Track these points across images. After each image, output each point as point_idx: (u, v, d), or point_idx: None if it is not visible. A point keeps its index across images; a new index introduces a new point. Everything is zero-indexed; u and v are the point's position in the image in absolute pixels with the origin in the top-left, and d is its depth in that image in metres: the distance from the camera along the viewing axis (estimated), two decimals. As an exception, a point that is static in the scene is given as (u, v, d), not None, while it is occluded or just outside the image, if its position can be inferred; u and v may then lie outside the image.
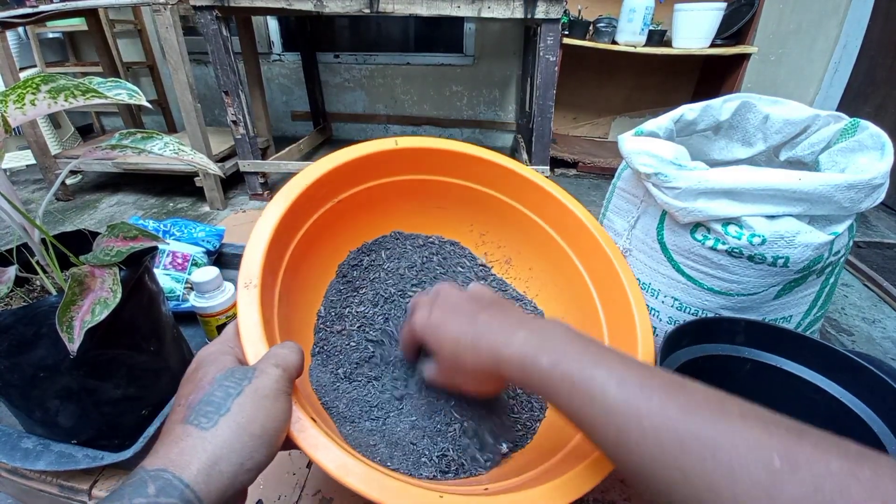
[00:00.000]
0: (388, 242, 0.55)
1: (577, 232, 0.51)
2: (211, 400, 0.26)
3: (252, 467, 0.25)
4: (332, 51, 2.52)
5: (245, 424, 0.26)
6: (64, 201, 1.87)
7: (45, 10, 1.47)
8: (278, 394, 0.28)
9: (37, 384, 0.37)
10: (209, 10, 1.42)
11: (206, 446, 0.24)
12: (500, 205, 0.55)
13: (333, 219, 0.48)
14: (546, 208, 0.53)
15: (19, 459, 0.40)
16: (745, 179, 0.40)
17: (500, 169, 0.53)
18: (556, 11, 1.36)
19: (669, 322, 0.50)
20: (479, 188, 0.55)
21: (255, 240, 0.37)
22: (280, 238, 0.40)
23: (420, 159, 0.52)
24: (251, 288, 0.34)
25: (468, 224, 0.58)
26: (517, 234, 0.57)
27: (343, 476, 0.27)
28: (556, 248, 0.53)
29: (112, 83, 0.35)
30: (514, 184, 0.54)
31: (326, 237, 0.49)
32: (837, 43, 2.06)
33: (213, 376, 0.28)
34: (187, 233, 0.70)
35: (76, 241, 0.42)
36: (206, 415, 0.25)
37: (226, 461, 0.24)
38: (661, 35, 1.89)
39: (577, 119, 2.50)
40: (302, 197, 0.42)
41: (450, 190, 0.55)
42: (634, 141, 0.47)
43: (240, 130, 1.63)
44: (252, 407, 0.26)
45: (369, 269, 0.52)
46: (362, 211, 0.52)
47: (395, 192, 0.53)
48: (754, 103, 0.51)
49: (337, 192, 0.48)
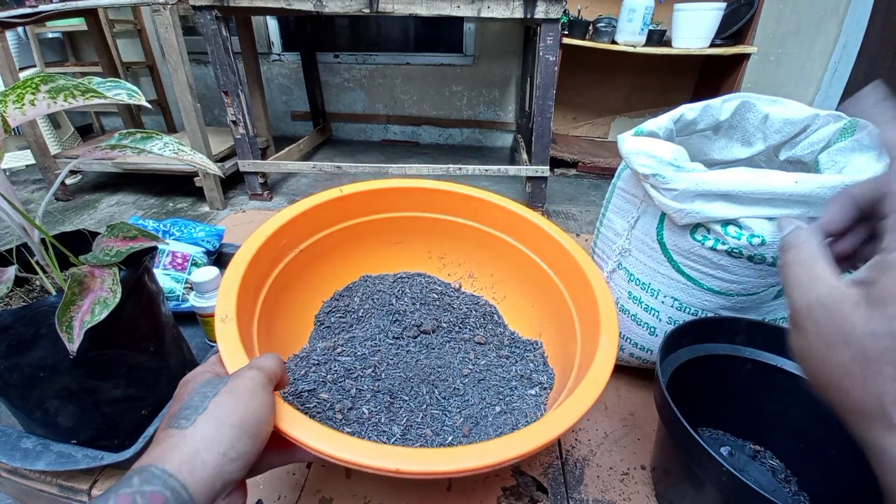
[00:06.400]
0: (358, 287, 0.59)
1: (526, 229, 0.56)
2: (189, 404, 0.27)
3: (236, 457, 0.26)
4: (331, 51, 2.52)
5: (222, 418, 0.27)
6: (63, 201, 1.87)
7: (44, 10, 1.47)
8: (255, 388, 0.29)
9: (36, 384, 0.37)
10: (209, 10, 1.42)
11: (186, 441, 0.25)
12: (450, 226, 0.60)
13: (299, 268, 0.52)
14: (493, 217, 0.58)
15: (19, 459, 0.40)
16: (742, 182, 0.41)
17: (442, 194, 0.59)
18: (555, 11, 1.36)
19: (669, 322, 0.50)
20: (428, 216, 0.60)
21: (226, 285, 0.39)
22: (248, 287, 0.42)
23: (367, 201, 0.57)
24: (228, 321, 0.36)
25: (426, 252, 0.63)
26: (473, 249, 0.61)
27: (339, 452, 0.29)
28: (511, 248, 0.58)
29: (111, 83, 0.35)
30: (458, 204, 0.59)
31: (298, 287, 0.52)
32: (837, 43, 2.06)
33: (193, 388, 0.29)
34: (187, 233, 0.70)
35: (76, 241, 0.42)
36: (185, 417, 0.26)
37: (206, 451, 0.25)
38: (660, 35, 1.89)
39: (576, 119, 2.50)
40: (263, 249, 0.45)
41: (402, 224, 0.60)
42: (634, 141, 0.47)
43: (239, 130, 1.63)
44: (228, 402, 0.27)
45: (345, 315, 0.56)
46: (326, 260, 0.56)
47: (353, 236, 0.57)
48: (754, 103, 0.51)
49: (297, 243, 0.51)
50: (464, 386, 0.47)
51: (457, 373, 0.49)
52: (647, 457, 0.49)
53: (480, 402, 0.45)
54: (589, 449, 0.50)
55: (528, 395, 0.47)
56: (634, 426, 0.53)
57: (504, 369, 0.51)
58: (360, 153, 2.48)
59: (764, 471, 0.45)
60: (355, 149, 2.56)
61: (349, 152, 2.49)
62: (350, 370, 0.46)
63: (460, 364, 0.50)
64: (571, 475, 0.47)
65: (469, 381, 0.48)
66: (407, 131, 2.68)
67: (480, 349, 0.53)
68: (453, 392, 0.46)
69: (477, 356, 0.52)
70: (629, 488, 0.45)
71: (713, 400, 0.46)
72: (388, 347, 0.51)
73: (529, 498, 0.44)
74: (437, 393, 0.46)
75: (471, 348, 0.53)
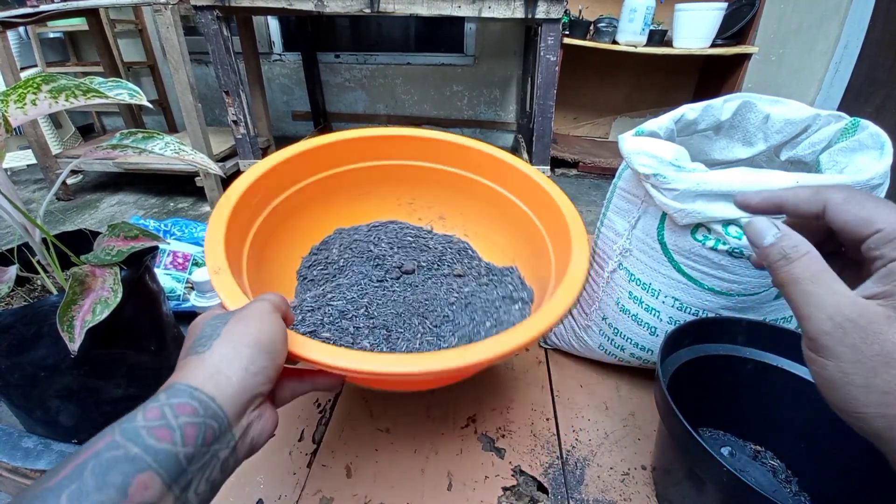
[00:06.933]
0: (334, 240, 0.60)
1: (489, 164, 0.59)
2: (202, 334, 0.28)
3: (257, 371, 0.27)
4: (332, 50, 2.52)
5: (237, 339, 0.27)
6: (65, 201, 1.87)
7: (45, 10, 1.47)
8: (264, 314, 0.30)
9: (38, 384, 0.37)
10: (210, 9, 1.42)
11: (206, 362, 0.26)
12: (416, 171, 0.62)
13: (275, 224, 0.52)
14: (456, 157, 0.61)
15: (20, 459, 0.40)
16: (743, 182, 0.40)
17: (406, 140, 0.60)
18: (556, 11, 1.36)
19: (670, 322, 0.50)
20: (394, 163, 0.61)
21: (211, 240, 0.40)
22: (231, 243, 0.42)
23: (331, 154, 0.57)
24: (222, 272, 0.37)
25: (395, 199, 0.65)
26: (440, 191, 0.63)
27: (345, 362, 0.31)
28: (477, 185, 0.60)
29: (113, 83, 0.35)
30: (422, 148, 0.61)
31: (276, 243, 0.52)
32: (838, 43, 2.06)
33: (203, 323, 0.30)
34: (188, 232, 0.70)
35: (77, 241, 0.42)
36: (201, 343, 0.27)
37: (228, 368, 0.26)
38: (661, 35, 1.89)
39: (577, 119, 2.50)
40: (239, 206, 0.45)
41: (369, 174, 0.61)
42: (634, 141, 0.47)
43: (240, 130, 1.63)
44: (240, 327, 0.28)
45: (327, 267, 0.57)
46: (299, 215, 0.56)
47: (322, 190, 0.58)
48: (755, 103, 0.51)
49: (269, 200, 0.51)
50: (452, 312, 0.51)
51: (444, 303, 0.52)
52: (648, 457, 0.49)
53: (470, 323, 0.49)
54: (589, 449, 0.50)
55: (512, 310, 0.50)
56: (635, 426, 0.53)
57: (486, 292, 0.54)
58: (360, 153, 2.48)
59: (765, 471, 0.45)
60: (356, 149, 2.56)
61: (350, 152, 2.49)
62: (344, 312, 0.48)
63: (445, 295, 0.54)
64: (572, 475, 0.47)
65: (456, 307, 0.52)
66: (408, 131, 2.69)
67: (461, 281, 0.57)
68: (444, 319, 0.50)
69: (459, 286, 0.55)
70: (630, 488, 0.45)
71: (714, 400, 0.46)
72: (374, 290, 0.53)
73: (530, 498, 0.44)
74: (429, 323, 0.49)
75: (452, 281, 0.56)
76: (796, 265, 0.24)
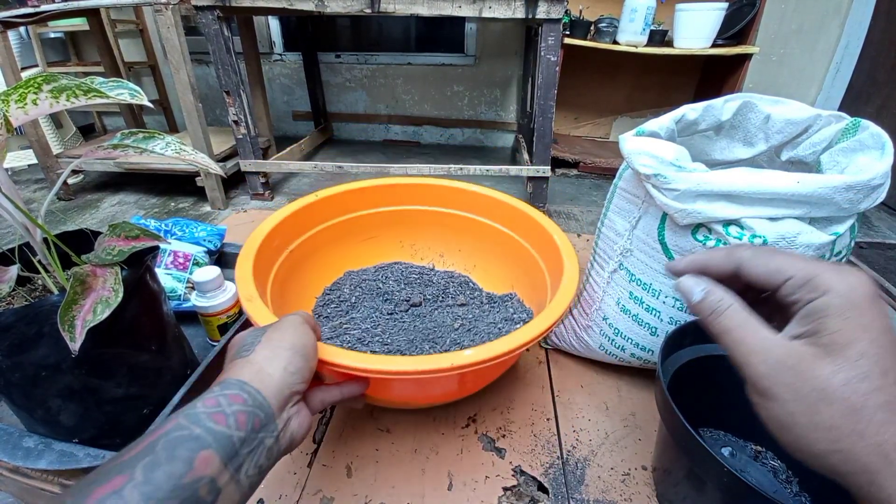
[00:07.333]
0: (345, 281, 0.67)
1: (481, 202, 0.66)
2: (245, 343, 0.34)
3: (294, 371, 0.32)
4: (333, 51, 2.52)
5: (275, 343, 0.33)
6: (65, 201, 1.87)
7: (46, 10, 1.47)
8: (297, 324, 0.35)
9: (39, 383, 0.37)
10: (211, 10, 1.42)
11: (251, 362, 0.31)
12: (416, 215, 0.69)
13: (291, 266, 0.58)
14: (452, 199, 0.68)
15: (21, 458, 0.40)
16: (744, 182, 0.40)
17: (404, 188, 0.68)
18: (557, 11, 1.36)
19: (671, 322, 0.50)
20: (395, 209, 0.69)
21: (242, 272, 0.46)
22: (258, 276, 0.48)
23: (339, 203, 0.65)
24: (255, 300, 0.42)
25: (398, 242, 0.72)
26: (439, 231, 0.70)
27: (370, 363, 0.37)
28: (473, 223, 0.67)
29: (114, 83, 0.35)
30: (420, 194, 0.68)
31: (293, 283, 0.59)
32: (839, 43, 2.06)
33: (244, 335, 0.35)
34: (189, 232, 0.70)
35: (78, 241, 0.42)
36: (246, 349, 0.33)
37: (269, 367, 0.31)
38: (662, 35, 1.88)
39: (578, 119, 2.49)
40: (263, 246, 0.51)
41: (374, 220, 0.69)
42: (635, 141, 0.47)
43: (241, 130, 1.63)
44: (277, 334, 0.34)
45: (340, 305, 0.63)
46: (312, 260, 0.63)
47: (331, 236, 0.65)
48: (756, 103, 0.51)
49: (287, 244, 0.58)
50: (458, 336, 0.56)
51: (450, 329, 0.57)
52: (648, 457, 0.49)
53: (477, 342, 0.53)
54: (590, 449, 0.50)
55: (514, 329, 0.53)
56: (635, 426, 0.53)
57: (489, 317, 0.60)
58: (361, 153, 2.48)
59: (765, 471, 0.45)
60: (357, 149, 2.56)
61: (350, 152, 2.49)
62: (361, 338, 0.54)
63: (451, 322, 0.59)
64: (572, 475, 0.47)
65: (461, 331, 0.57)
66: (408, 131, 2.68)
67: (464, 309, 0.63)
68: (452, 342, 0.55)
69: (464, 314, 0.61)
70: (630, 488, 0.45)
71: (714, 400, 0.46)
72: (386, 321, 0.58)
73: (530, 498, 0.44)
74: (439, 347, 0.54)
75: (456, 309, 0.62)
76: (724, 317, 0.26)
